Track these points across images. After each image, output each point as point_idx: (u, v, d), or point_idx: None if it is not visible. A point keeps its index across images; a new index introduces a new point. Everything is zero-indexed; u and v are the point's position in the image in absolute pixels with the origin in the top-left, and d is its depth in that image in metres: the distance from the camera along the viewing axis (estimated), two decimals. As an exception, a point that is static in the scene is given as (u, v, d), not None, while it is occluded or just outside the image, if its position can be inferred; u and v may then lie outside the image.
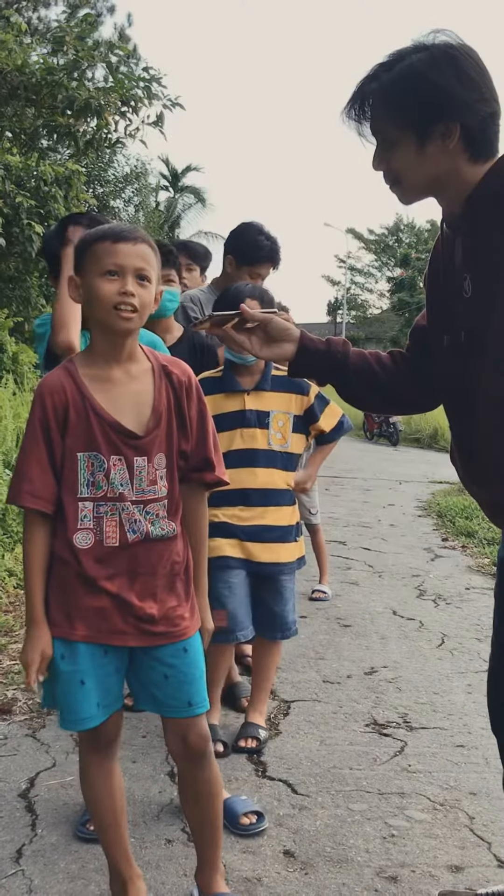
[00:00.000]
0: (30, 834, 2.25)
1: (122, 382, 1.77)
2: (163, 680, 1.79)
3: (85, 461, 1.73)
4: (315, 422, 2.96)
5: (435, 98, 1.55)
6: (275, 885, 2.07)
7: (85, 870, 2.09)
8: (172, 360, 1.87)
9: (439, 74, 1.54)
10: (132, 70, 7.56)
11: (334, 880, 2.10)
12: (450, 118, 1.55)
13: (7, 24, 7.54)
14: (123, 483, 1.74)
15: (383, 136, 1.64)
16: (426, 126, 1.57)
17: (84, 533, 1.73)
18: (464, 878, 2.14)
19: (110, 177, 18.70)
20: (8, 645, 3.67)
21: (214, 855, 1.92)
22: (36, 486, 1.71)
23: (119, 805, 1.87)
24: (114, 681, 1.79)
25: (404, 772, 2.71)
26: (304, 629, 4.25)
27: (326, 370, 1.88)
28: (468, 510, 7.74)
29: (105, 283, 1.70)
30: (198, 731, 1.82)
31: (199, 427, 1.84)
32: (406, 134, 1.59)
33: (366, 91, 1.64)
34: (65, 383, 1.74)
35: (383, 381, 1.89)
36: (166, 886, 2.04)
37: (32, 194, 9.84)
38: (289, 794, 2.53)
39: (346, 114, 1.68)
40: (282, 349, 1.86)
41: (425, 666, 3.75)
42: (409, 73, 1.57)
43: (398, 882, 2.11)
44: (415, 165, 1.61)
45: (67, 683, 1.74)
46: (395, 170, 1.65)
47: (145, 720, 2.89)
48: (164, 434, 1.78)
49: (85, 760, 1.86)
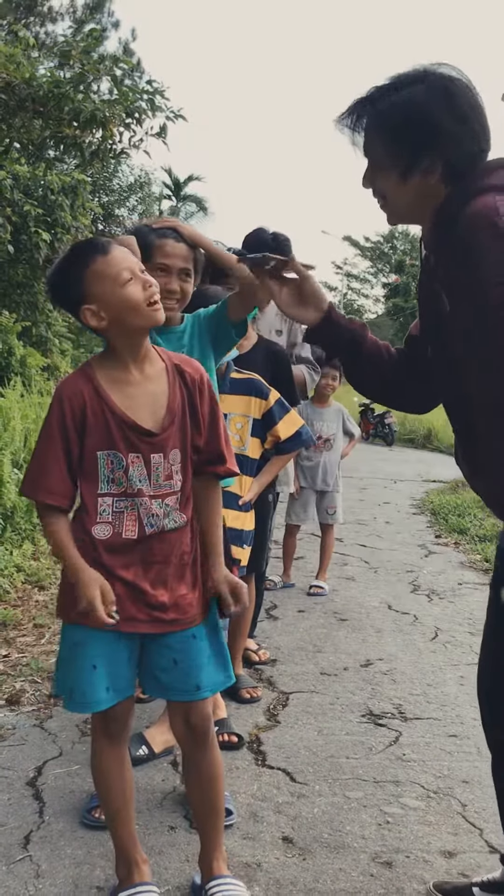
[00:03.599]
0: (37, 821, 2.25)
1: (139, 382, 1.78)
2: (172, 665, 1.81)
3: (104, 459, 1.75)
4: (273, 426, 2.91)
5: (425, 134, 1.56)
6: (274, 870, 2.07)
7: (91, 855, 2.09)
8: (185, 359, 1.88)
9: (434, 109, 1.55)
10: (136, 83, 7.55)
11: (331, 865, 2.10)
12: (436, 155, 1.57)
13: (15, 39, 7.53)
14: (142, 479, 1.76)
15: (372, 157, 1.66)
16: (412, 160, 1.58)
17: (103, 525, 1.75)
18: (456, 863, 2.14)
19: (115, 186, 18.70)
20: (17, 638, 3.67)
21: (217, 838, 1.93)
22: (52, 483, 1.73)
23: (128, 790, 1.88)
24: (126, 667, 1.81)
25: (399, 761, 2.71)
26: (302, 623, 4.25)
27: (343, 345, 1.85)
28: (461, 508, 7.74)
29: (130, 288, 1.71)
30: (200, 712, 1.85)
31: (211, 423, 1.85)
32: (393, 162, 1.61)
33: (360, 112, 1.65)
34: (83, 387, 1.75)
35: (390, 372, 1.88)
36: (169, 871, 2.04)
37: (40, 203, 9.86)
38: (287, 783, 2.53)
39: (341, 121, 1.68)
40: (308, 312, 1.83)
41: (419, 658, 3.75)
42: (405, 104, 1.57)
43: (393, 867, 2.11)
44: (396, 192, 1.65)
45: (80, 668, 1.76)
46: (381, 190, 1.68)
47: (148, 711, 2.90)
48: (179, 430, 1.79)
49: (97, 746, 1.87)
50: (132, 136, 7.45)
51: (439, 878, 2.04)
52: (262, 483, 3.03)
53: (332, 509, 4.98)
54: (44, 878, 2.00)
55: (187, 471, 1.82)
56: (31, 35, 8.46)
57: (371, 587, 5.07)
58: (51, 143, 7.86)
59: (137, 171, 19.33)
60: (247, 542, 2.94)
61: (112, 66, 7.52)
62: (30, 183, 9.96)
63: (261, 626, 3.99)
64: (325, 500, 4.95)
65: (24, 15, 19.77)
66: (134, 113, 7.25)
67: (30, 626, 3.83)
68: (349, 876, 2.06)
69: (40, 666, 3.33)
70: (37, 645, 3.61)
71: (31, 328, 10.01)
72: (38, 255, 9.85)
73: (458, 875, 2.08)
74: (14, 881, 1.98)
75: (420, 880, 2.05)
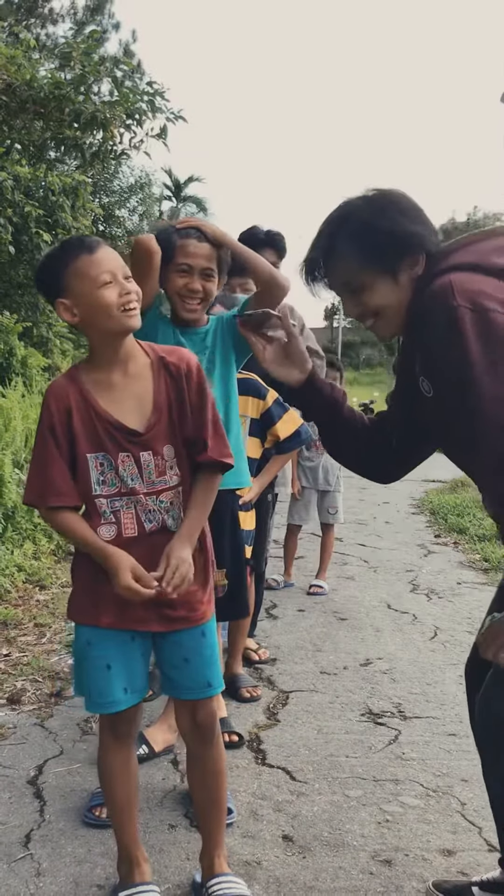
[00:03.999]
0: (38, 819, 2.25)
1: (123, 384, 1.78)
2: (183, 663, 1.81)
3: (94, 462, 1.75)
4: (272, 426, 2.91)
5: (394, 232, 1.63)
6: (274, 868, 2.07)
7: (91, 854, 2.09)
8: (170, 350, 1.85)
9: (390, 219, 1.64)
10: (136, 84, 7.54)
11: (331, 864, 2.10)
12: (415, 246, 1.64)
13: (17, 41, 7.54)
14: (133, 478, 1.75)
15: (354, 283, 1.70)
16: (395, 255, 1.65)
17: (107, 526, 1.75)
18: (455, 861, 2.14)
19: (115, 187, 18.67)
20: (17, 637, 3.67)
21: (218, 835, 1.93)
22: (58, 485, 1.73)
23: (133, 789, 1.89)
24: (140, 666, 1.81)
25: (398, 759, 2.71)
26: (302, 622, 4.25)
27: (321, 409, 1.90)
28: (460, 508, 7.74)
29: (105, 291, 1.70)
30: (208, 709, 1.86)
31: (198, 410, 1.80)
32: (377, 270, 1.66)
33: (324, 249, 1.71)
34: (69, 389, 1.76)
35: (364, 441, 1.91)
36: (169, 870, 2.03)
37: (41, 204, 9.85)
38: (287, 781, 2.52)
39: (309, 282, 1.76)
40: (291, 373, 1.87)
41: (418, 657, 3.75)
42: (363, 225, 1.64)
43: (392, 865, 2.10)
44: (391, 297, 1.68)
45: (94, 668, 1.77)
46: (375, 307, 1.71)
47: (149, 709, 2.89)
48: (168, 426, 1.78)
49: (103, 745, 1.87)
50: (132, 138, 7.45)
51: (438, 877, 2.04)
52: (263, 483, 3.03)
53: (333, 509, 4.98)
54: (44, 876, 1.99)
55: (184, 464, 1.81)
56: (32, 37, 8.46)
57: (371, 586, 5.07)
58: (52, 144, 7.86)
59: (138, 172, 19.32)
60: (247, 542, 2.94)
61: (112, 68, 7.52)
62: (31, 184, 9.94)
63: (261, 625, 3.99)
64: (326, 499, 4.95)
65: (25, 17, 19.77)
66: (134, 114, 7.25)
67: (31, 625, 3.83)
68: (349, 874, 2.06)
69: (41, 665, 3.32)
70: (38, 644, 3.60)
71: (33, 329, 10.00)
72: (38, 256, 9.81)
73: (458, 873, 2.07)
74: (15, 879, 1.97)
75: (419, 878, 2.05)
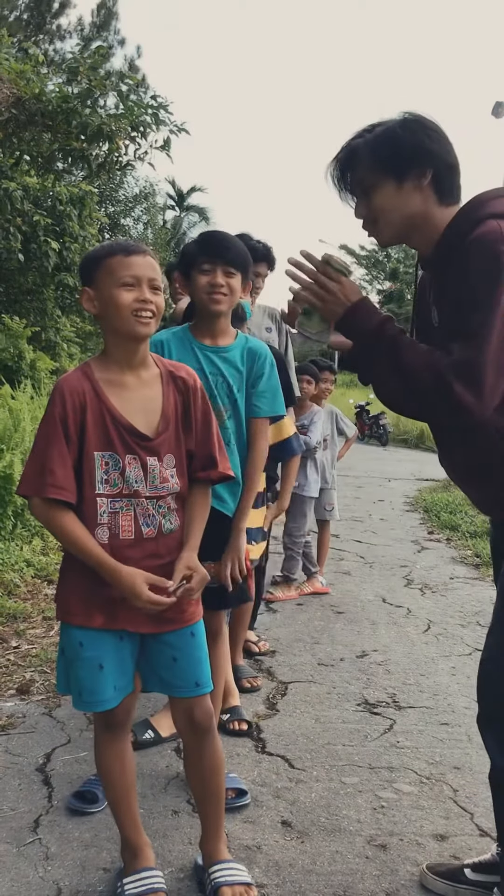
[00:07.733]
0: (46, 805, 2.25)
1: (135, 387, 1.77)
2: (171, 663, 1.79)
3: (100, 460, 1.71)
4: None
5: (411, 145, 1.67)
6: (273, 852, 2.07)
7: (98, 838, 2.09)
8: (178, 366, 1.87)
9: (412, 132, 1.68)
10: (141, 98, 7.55)
11: (328, 848, 2.10)
12: (423, 164, 1.67)
13: (26, 56, 7.54)
14: (138, 480, 1.73)
15: (365, 184, 1.72)
16: (404, 169, 1.67)
17: (103, 528, 1.72)
18: (448, 846, 2.14)
19: (121, 197, 18.71)
20: (26, 630, 3.67)
21: (218, 825, 1.92)
22: (58, 478, 1.66)
23: (130, 780, 1.88)
24: (128, 664, 1.79)
25: (393, 748, 2.71)
26: (300, 616, 4.25)
27: None
28: (452, 505, 7.74)
29: (123, 292, 1.70)
30: (203, 708, 1.83)
31: (204, 427, 1.84)
32: (386, 174, 1.68)
33: (350, 147, 1.73)
34: (83, 385, 1.72)
35: None
36: (173, 854, 2.04)
37: (49, 213, 9.88)
38: (286, 769, 2.53)
39: (331, 165, 1.76)
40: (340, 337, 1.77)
41: (412, 650, 3.75)
42: (388, 131, 1.70)
43: (387, 849, 2.11)
44: (393, 203, 1.69)
45: (86, 668, 1.74)
46: (375, 209, 1.72)
47: (153, 700, 2.89)
48: (173, 436, 1.78)
49: (99, 740, 1.86)
50: (137, 149, 7.47)
51: (432, 860, 2.04)
52: (286, 497, 3.34)
53: (329, 506, 4.99)
54: (53, 860, 2.00)
55: (183, 474, 1.81)
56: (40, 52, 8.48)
57: (366, 581, 5.07)
58: (59, 155, 7.87)
59: (142, 182, 19.37)
60: (257, 539, 2.95)
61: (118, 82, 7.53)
62: (39, 194, 9.97)
63: (261, 618, 3.99)
64: (323, 497, 4.96)
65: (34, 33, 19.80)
66: (139, 127, 7.27)
67: (39, 618, 3.84)
68: (345, 858, 2.06)
69: (49, 657, 3.32)
70: (46, 637, 3.61)
71: (41, 333, 10.01)
72: (46, 263, 9.85)
73: (450, 857, 2.08)
74: (24, 863, 1.98)
75: (413, 862, 2.05)
